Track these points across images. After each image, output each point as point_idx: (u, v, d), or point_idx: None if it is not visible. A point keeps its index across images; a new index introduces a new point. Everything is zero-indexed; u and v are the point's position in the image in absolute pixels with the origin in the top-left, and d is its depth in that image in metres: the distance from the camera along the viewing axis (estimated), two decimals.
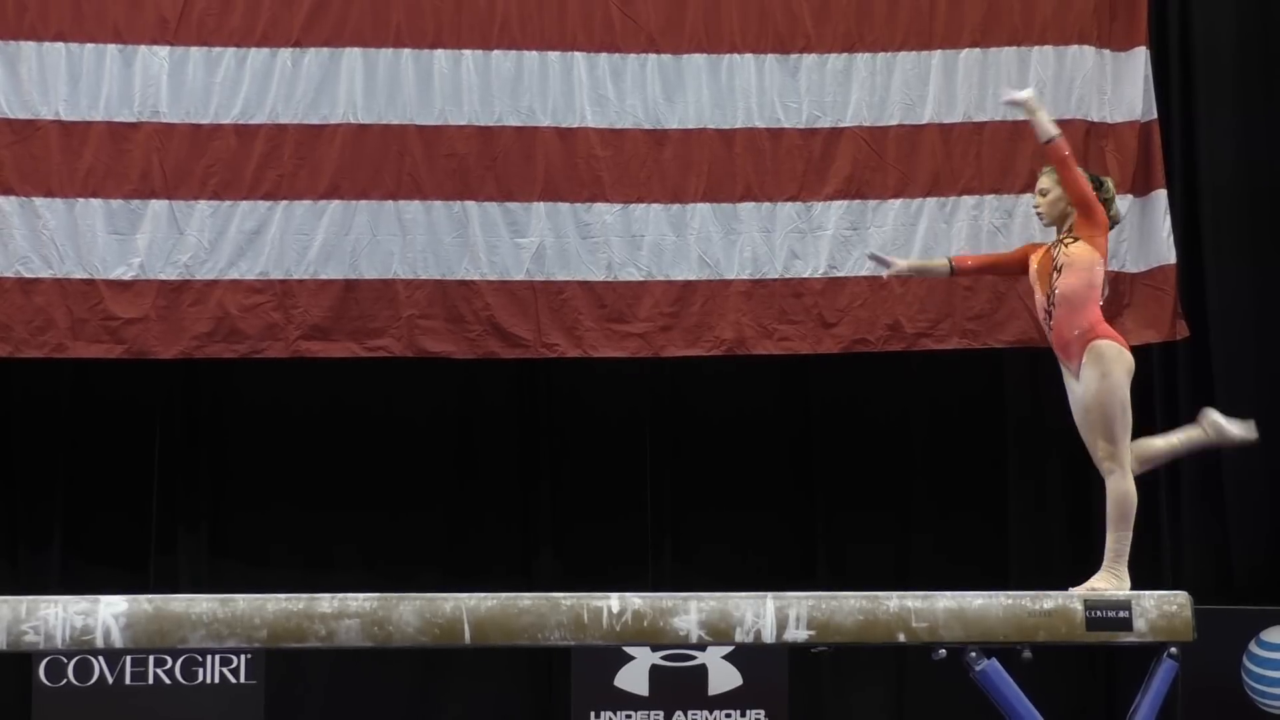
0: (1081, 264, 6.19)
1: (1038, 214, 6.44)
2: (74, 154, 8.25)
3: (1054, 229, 6.42)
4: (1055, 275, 6.23)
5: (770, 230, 8.54)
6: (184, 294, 8.23)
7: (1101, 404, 6.13)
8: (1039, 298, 6.33)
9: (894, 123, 8.65)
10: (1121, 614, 5.70)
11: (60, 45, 8.29)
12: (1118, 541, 6.12)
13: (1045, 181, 6.39)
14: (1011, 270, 6.73)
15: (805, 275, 8.55)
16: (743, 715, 8.51)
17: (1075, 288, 6.18)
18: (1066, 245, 6.25)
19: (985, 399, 9.16)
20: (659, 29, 8.56)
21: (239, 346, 8.28)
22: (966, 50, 8.70)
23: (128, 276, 8.22)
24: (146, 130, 8.30)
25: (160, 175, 8.30)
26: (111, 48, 8.33)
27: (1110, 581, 6.03)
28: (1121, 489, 6.14)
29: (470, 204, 8.42)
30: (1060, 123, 8.56)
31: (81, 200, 8.23)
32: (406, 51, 8.46)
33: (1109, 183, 6.56)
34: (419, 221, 8.40)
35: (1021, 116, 8.56)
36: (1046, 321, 6.30)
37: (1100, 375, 6.13)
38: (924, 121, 8.66)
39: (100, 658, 8.17)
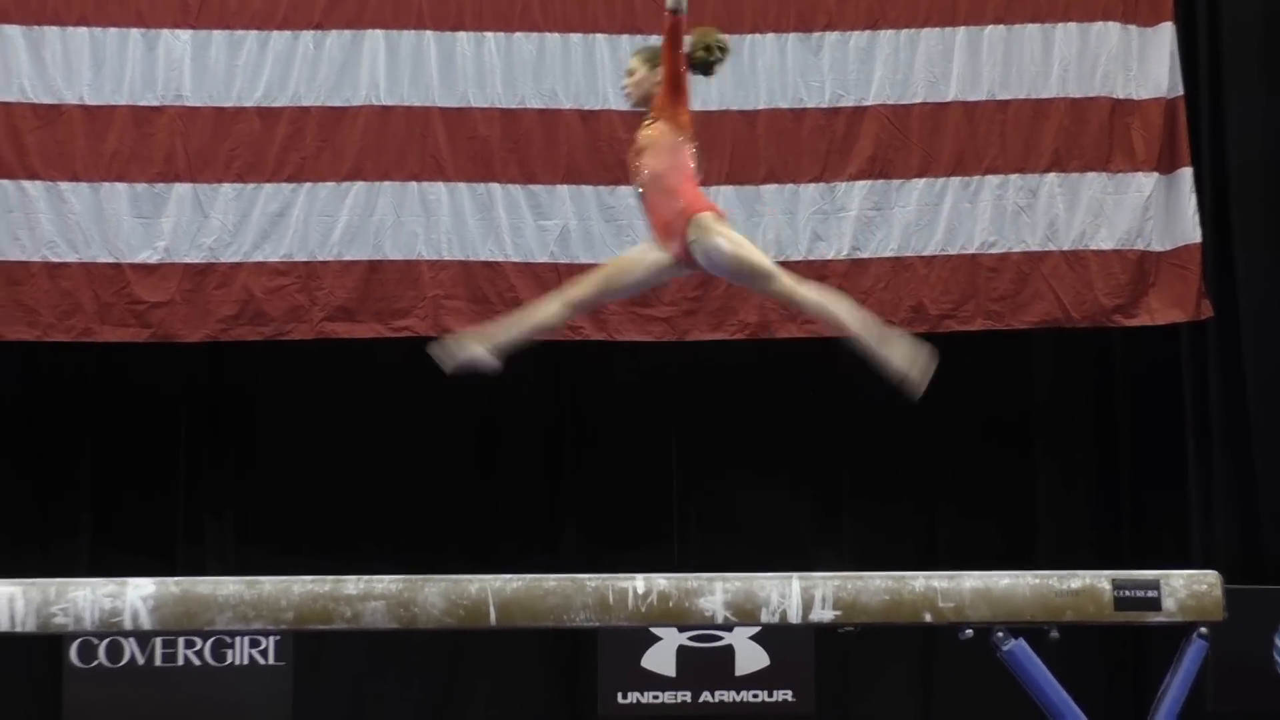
0: (663, 144, 5.94)
1: (625, 94, 6.20)
2: (98, 138, 8.28)
3: (641, 108, 6.13)
4: (639, 158, 6.00)
5: (793, 212, 8.52)
6: (209, 277, 8.25)
7: (742, 258, 5.91)
8: (632, 178, 6.08)
9: (917, 101, 8.61)
10: (1150, 594, 5.67)
11: (84, 30, 8.31)
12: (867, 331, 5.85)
13: (633, 62, 6.15)
14: None
15: (829, 257, 8.53)
16: (770, 696, 8.52)
17: (659, 169, 5.93)
18: (648, 126, 6.00)
19: (1011, 376, 9.13)
20: None
21: (264, 329, 8.31)
22: (990, 27, 8.65)
23: (153, 260, 8.25)
24: (170, 114, 8.33)
25: (184, 158, 8.32)
26: (134, 32, 8.34)
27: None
28: (828, 303, 5.96)
29: (494, 186, 8.42)
30: (1085, 100, 8.65)
31: (106, 184, 8.26)
32: (429, 33, 8.46)
33: (695, 33, 6.16)
34: (443, 203, 8.40)
35: (1047, 95, 8.65)
36: (643, 210, 6.06)
37: (720, 238, 5.88)
38: (948, 99, 8.62)
39: (131, 639, 8.22)
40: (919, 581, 5.64)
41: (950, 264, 8.50)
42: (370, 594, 5.38)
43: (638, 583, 5.50)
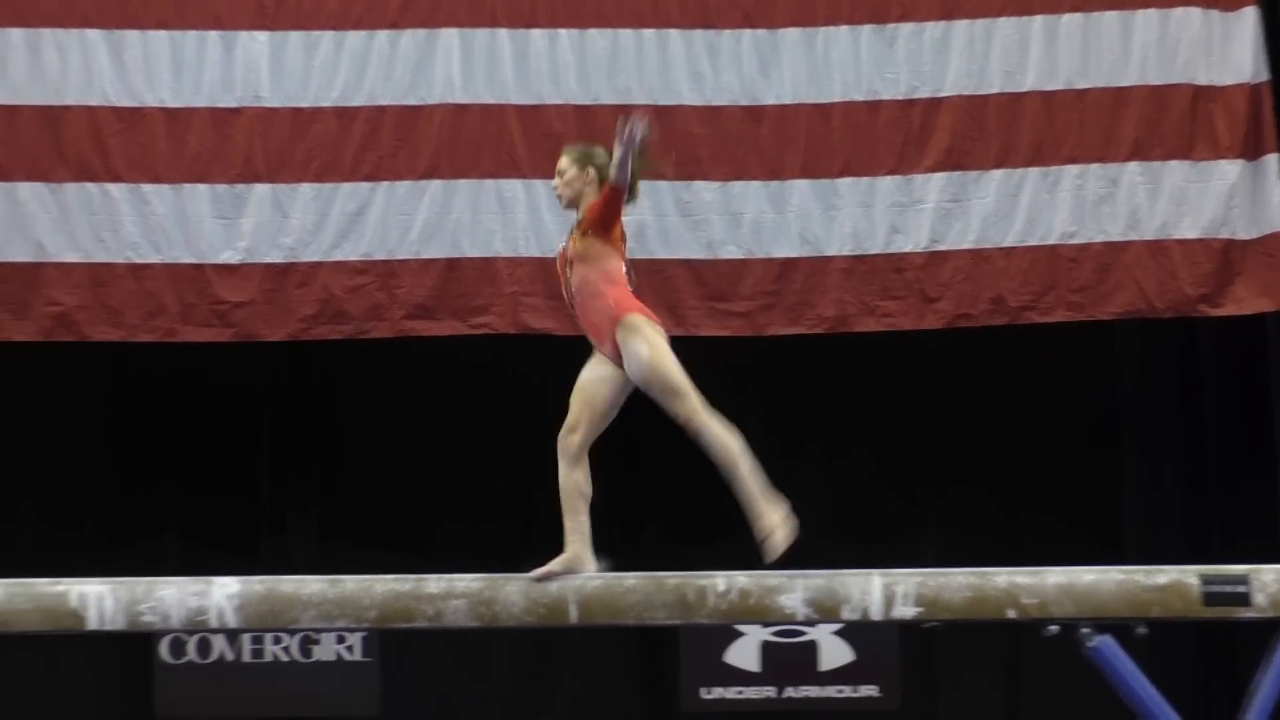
0: (593, 254, 5.83)
1: (556, 195, 6.04)
2: (179, 140, 8.36)
3: (573, 209, 5.97)
4: (570, 268, 5.90)
5: (870, 205, 8.48)
6: (289, 276, 8.31)
7: (657, 369, 5.85)
8: (564, 287, 5.98)
9: (994, 91, 8.54)
10: (1240, 589, 5.59)
11: (163, 33, 8.39)
12: (751, 480, 5.74)
13: (563, 162, 5.98)
14: None
15: (906, 250, 8.48)
16: (855, 691, 8.50)
17: (589, 276, 5.83)
18: (578, 239, 5.87)
19: (1094, 368, 9.05)
20: (753, 4, 8.51)
21: (345, 327, 8.36)
22: (1068, 15, 8.56)
23: (234, 260, 8.31)
24: (248, 115, 8.39)
25: (263, 159, 8.38)
26: (212, 34, 8.41)
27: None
28: (724, 437, 5.82)
29: None
30: (1166, 87, 8.54)
31: (187, 185, 8.33)
32: (503, 31, 8.48)
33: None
34: (519, 200, 8.43)
35: (1126, 83, 8.55)
36: (572, 310, 5.98)
37: (642, 343, 5.83)
38: (1025, 89, 8.54)
39: (220, 635, 8.31)
40: (1001, 578, 5.59)
41: (1030, 255, 8.43)
42: (451, 593, 5.41)
43: (718, 580, 5.50)
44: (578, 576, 5.49)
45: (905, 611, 5.53)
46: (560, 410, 8.95)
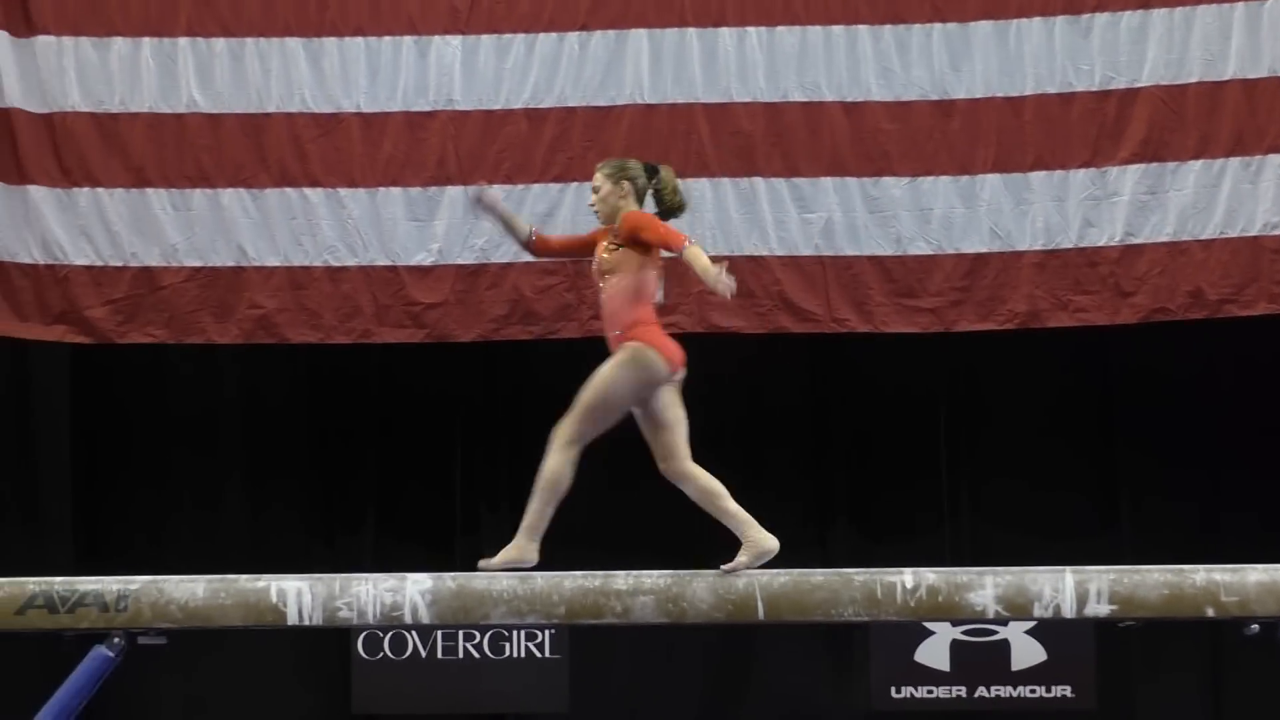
0: (626, 268, 5.92)
1: (594, 212, 6.11)
2: (374, 144, 8.51)
3: (610, 224, 6.04)
4: (603, 278, 5.98)
5: (1063, 198, 8.34)
6: (480, 278, 8.42)
7: (590, 384, 5.92)
8: (599, 293, 6.04)
9: (1193, 80, 8.34)
10: None
11: (359, 40, 8.54)
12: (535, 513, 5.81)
13: (598, 178, 6.05)
14: (587, 253, 6.26)
15: (1100, 244, 8.33)
16: (1048, 691, 8.38)
17: (617, 291, 5.93)
18: (610, 251, 5.95)
19: None
20: None
21: (534, 328, 8.45)
22: (1271, 1, 8.34)
23: (427, 262, 8.44)
24: (441, 118, 8.52)
25: (455, 162, 8.50)
26: (407, 39, 8.55)
27: (513, 553, 5.72)
28: (551, 464, 5.95)
29: (757, 180, 8.43)
30: None
31: (382, 189, 8.48)
32: (691, 30, 8.50)
33: (665, 171, 6.14)
34: (707, 198, 8.44)
35: None
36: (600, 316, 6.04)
37: (608, 364, 5.92)
38: (1226, 78, 8.34)
39: (413, 632, 8.46)
40: (1199, 575, 5.48)
41: (1230, 247, 8.22)
42: (639, 589, 5.45)
43: (906, 577, 5.46)
44: (765, 572, 5.49)
45: (1099, 609, 5.44)
46: (745, 410, 9.02)
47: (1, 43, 8.41)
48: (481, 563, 5.79)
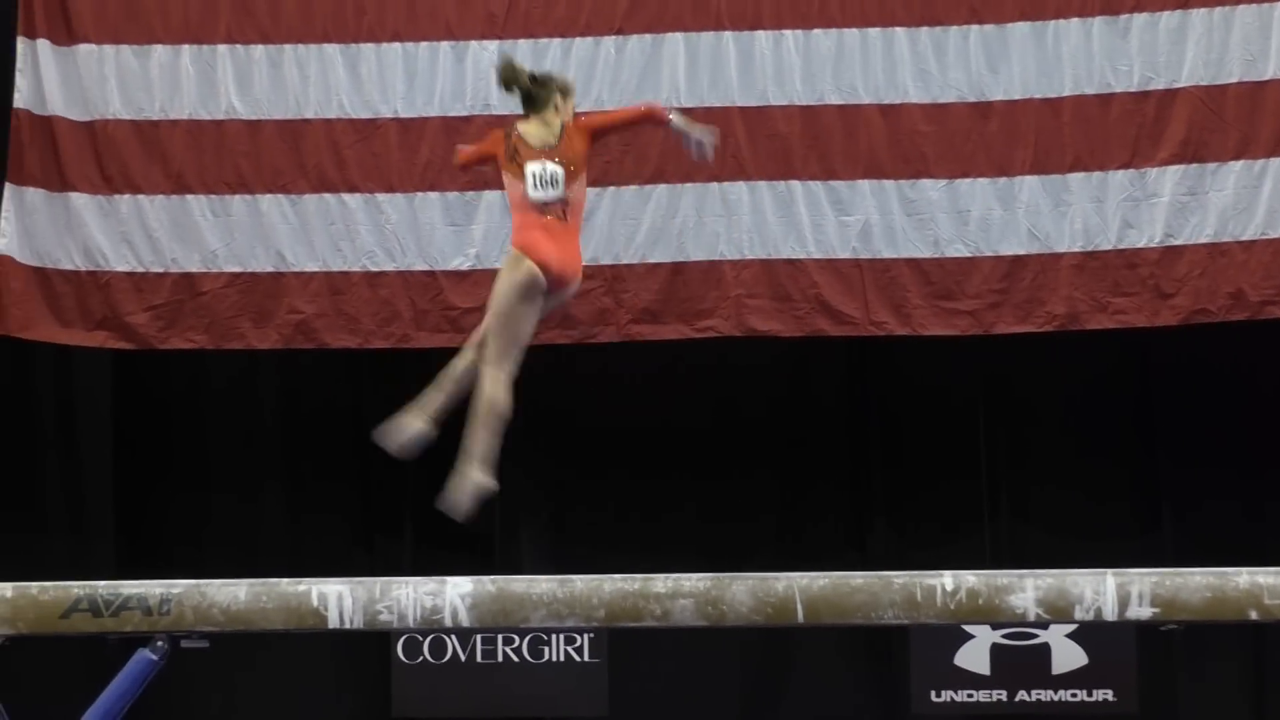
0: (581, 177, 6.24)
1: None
2: (412, 150, 8.53)
3: None
4: (570, 177, 6.22)
5: (1102, 200, 8.31)
6: None
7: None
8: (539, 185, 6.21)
9: (1233, 80, 8.30)
10: None
11: (397, 45, 8.57)
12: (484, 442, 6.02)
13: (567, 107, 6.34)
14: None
15: (1140, 245, 8.29)
16: (1089, 695, 8.34)
17: (579, 197, 6.31)
18: (578, 148, 6.25)
19: None
20: None
21: (572, 332, 8.46)
22: None
23: (465, 267, 8.46)
24: (478, 123, 8.51)
25: (494, 166, 8.51)
26: (444, 45, 8.57)
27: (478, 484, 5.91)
28: (485, 389, 6.07)
29: (794, 183, 8.43)
30: None
31: (420, 194, 8.50)
32: (728, 34, 8.50)
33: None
34: (744, 202, 8.44)
35: None
36: (546, 212, 6.22)
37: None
38: (1266, 77, 8.29)
39: (452, 636, 8.48)
40: (1243, 578, 5.45)
41: (1272, 248, 8.18)
42: (679, 592, 5.45)
43: (946, 580, 5.45)
44: (804, 575, 5.48)
45: (1141, 612, 5.42)
46: (784, 412, 9.01)
47: (44, 51, 8.47)
48: (445, 500, 5.93)
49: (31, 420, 9.09)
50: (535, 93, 6.27)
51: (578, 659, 8.54)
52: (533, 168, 6.14)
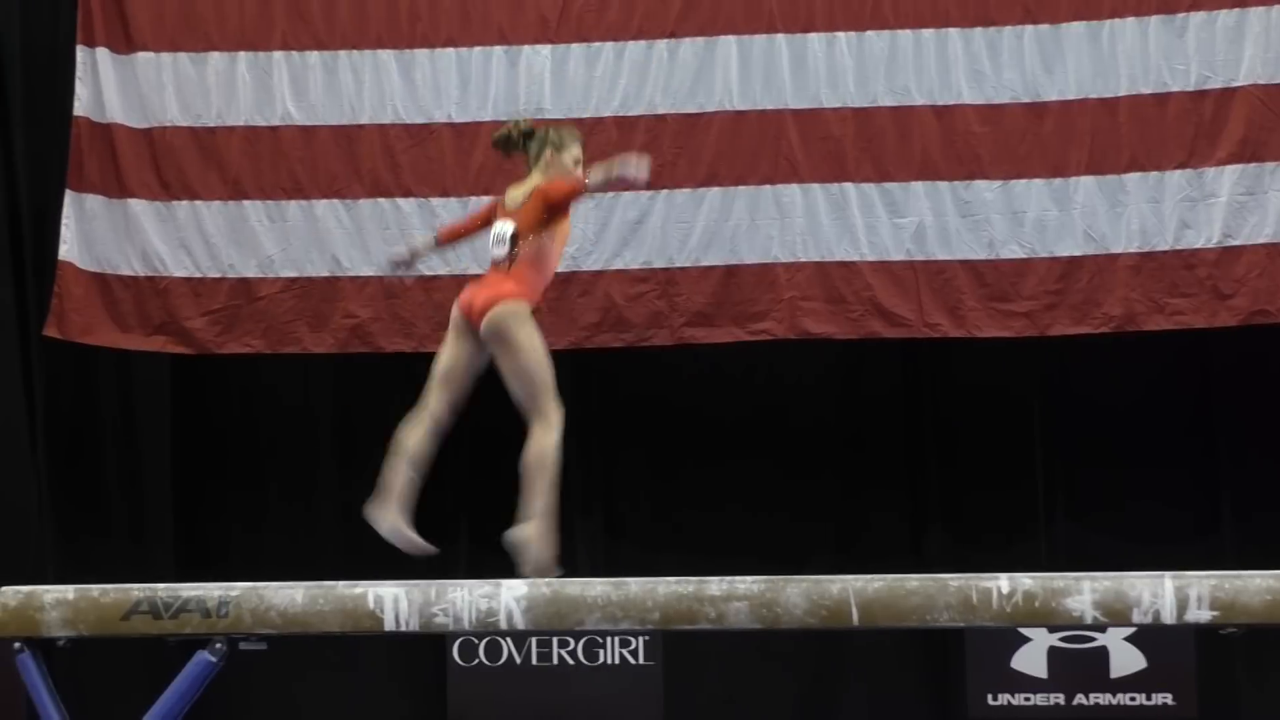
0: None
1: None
2: (465, 154, 8.56)
3: None
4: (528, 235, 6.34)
5: (1159, 200, 8.26)
6: (572, 285, 8.45)
7: (536, 356, 6.28)
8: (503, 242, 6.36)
9: None
10: None
11: (450, 50, 8.61)
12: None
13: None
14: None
15: (1198, 246, 8.24)
16: (1148, 699, 8.29)
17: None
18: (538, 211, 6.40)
19: None
20: None
21: (626, 335, 8.48)
22: None
23: None
24: None
25: None
26: (497, 49, 8.60)
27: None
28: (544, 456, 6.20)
29: (848, 186, 8.41)
30: None
31: (474, 198, 8.52)
32: (780, 36, 8.49)
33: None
34: (797, 205, 8.43)
35: None
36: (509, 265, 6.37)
37: (528, 331, 6.32)
38: None
39: (507, 639, 8.50)
40: None
41: None
42: (733, 594, 5.43)
43: (1002, 582, 5.41)
44: (859, 578, 5.46)
45: (1200, 615, 5.36)
46: (839, 414, 8.99)
47: (103, 60, 8.56)
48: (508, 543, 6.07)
49: (92, 425, 9.16)
50: (527, 146, 6.48)
51: (633, 661, 8.54)
52: (496, 226, 6.41)
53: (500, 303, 6.19)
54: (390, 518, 6.23)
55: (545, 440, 6.13)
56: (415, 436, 6.31)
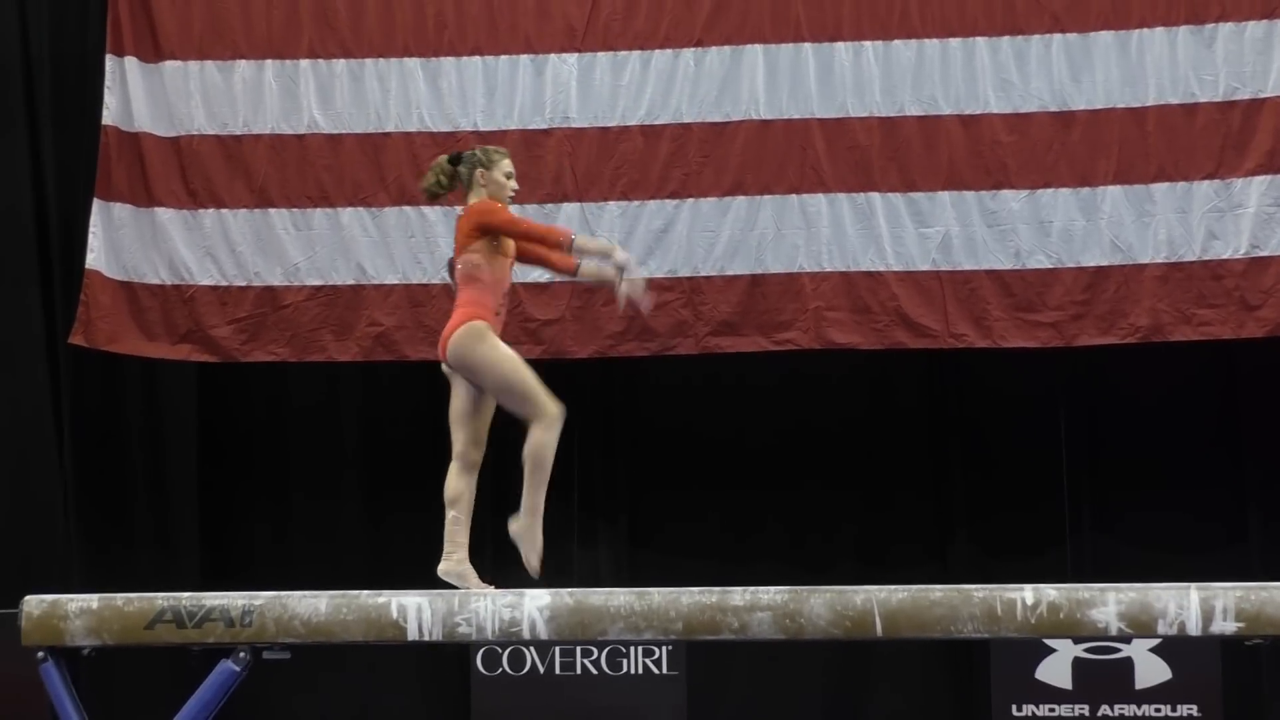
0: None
1: (511, 197, 6.38)
2: None
3: None
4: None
5: (1186, 210, 8.23)
6: (597, 294, 8.43)
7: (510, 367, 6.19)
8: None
9: None
10: None
11: (477, 59, 8.62)
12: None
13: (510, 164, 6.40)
14: None
15: (1225, 256, 8.21)
16: (1173, 710, 8.24)
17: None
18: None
19: None
20: (1063, 7, 8.35)
21: (650, 344, 8.47)
22: None
23: (544, 279, 8.46)
24: (558, 136, 8.57)
25: (571, 178, 8.55)
26: (524, 58, 8.62)
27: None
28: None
29: (874, 195, 8.40)
30: None
31: None
32: (807, 45, 8.48)
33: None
34: (823, 214, 8.42)
35: None
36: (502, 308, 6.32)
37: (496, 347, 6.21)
38: None
39: (531, 648, 8.49)
40: None
41: None
42: (756, 605, 5.42)
43: (1026, 593, 5.39)
44: (883, 589, 5.45)
45: (1225, 627, 5.33)
46: (865, 425, 8.97)
47: (131, 69, 8.59)
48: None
49: (118, 432, 9.19)
50: (459, 175, 6.36)
51: (656, 671, 8.53)
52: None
53: (452, 334, 6.18)
54: (461, 569, 6.14)
55: (543, 436, 6.11)
56: (459, 486, 6.28)
